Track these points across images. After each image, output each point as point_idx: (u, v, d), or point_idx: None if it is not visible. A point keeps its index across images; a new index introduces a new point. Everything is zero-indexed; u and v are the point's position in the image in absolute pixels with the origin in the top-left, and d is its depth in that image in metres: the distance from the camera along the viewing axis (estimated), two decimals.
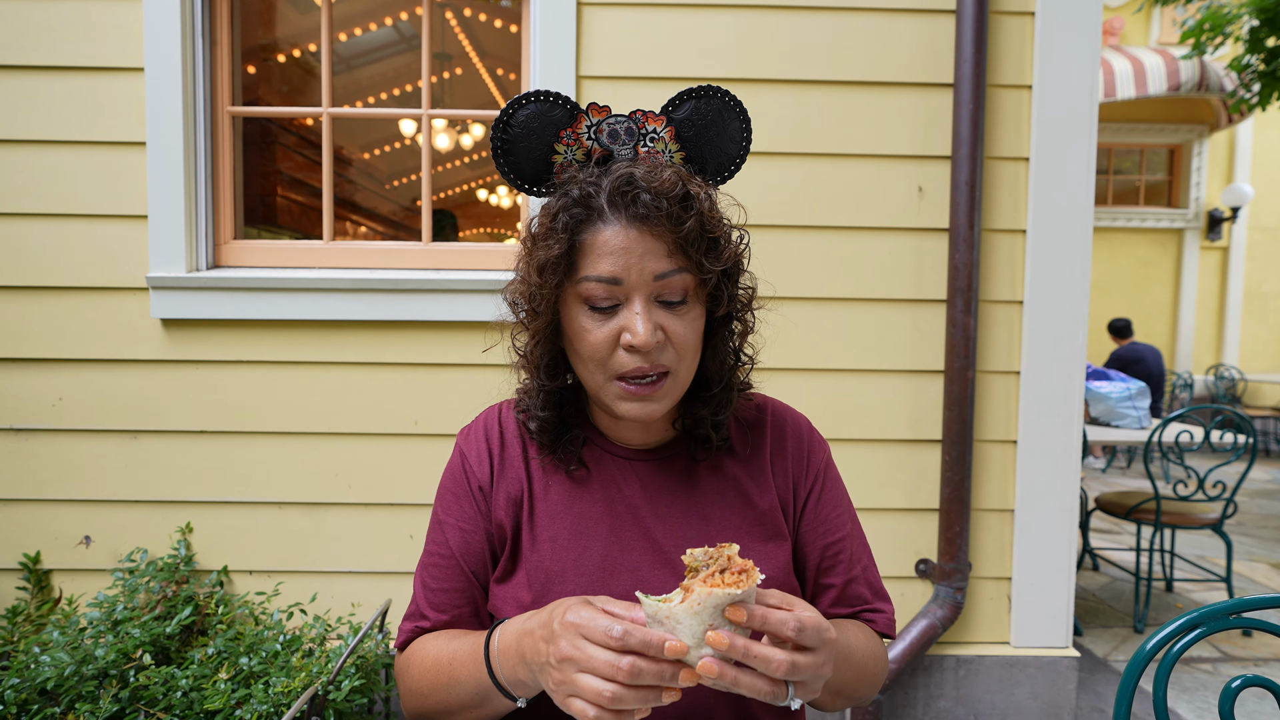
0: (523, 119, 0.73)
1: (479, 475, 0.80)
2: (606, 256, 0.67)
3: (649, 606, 0.56)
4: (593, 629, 0.55)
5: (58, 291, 1.82)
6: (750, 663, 0.54)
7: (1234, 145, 7.59)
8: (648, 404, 0.71)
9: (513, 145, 0.74)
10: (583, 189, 0.69)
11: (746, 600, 0.55)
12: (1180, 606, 3.07)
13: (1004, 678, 1.95)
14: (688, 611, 0.54)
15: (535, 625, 0.62)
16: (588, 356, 0.71)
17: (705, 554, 0.58)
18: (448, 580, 0.79)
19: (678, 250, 0.68)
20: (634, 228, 0.67)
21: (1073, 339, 1.90)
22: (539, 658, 0.59)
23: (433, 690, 0.73)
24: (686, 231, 0.67)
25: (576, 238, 0.69)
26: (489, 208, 5.72)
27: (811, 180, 1.89)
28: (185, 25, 1.78)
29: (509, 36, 3.20)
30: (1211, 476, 3.36)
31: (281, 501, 1.87)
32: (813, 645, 0.56)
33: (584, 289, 0.69)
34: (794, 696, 0.56)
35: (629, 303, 0.68)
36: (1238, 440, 2.85)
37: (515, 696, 0.65)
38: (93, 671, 1.42)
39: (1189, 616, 0.79)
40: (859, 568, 0.83)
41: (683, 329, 0.70)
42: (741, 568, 0.56)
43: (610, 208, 0.68)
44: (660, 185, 0.67)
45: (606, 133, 0.73)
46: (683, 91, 0.75)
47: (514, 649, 0.63)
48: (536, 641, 0.60)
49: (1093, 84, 1.86)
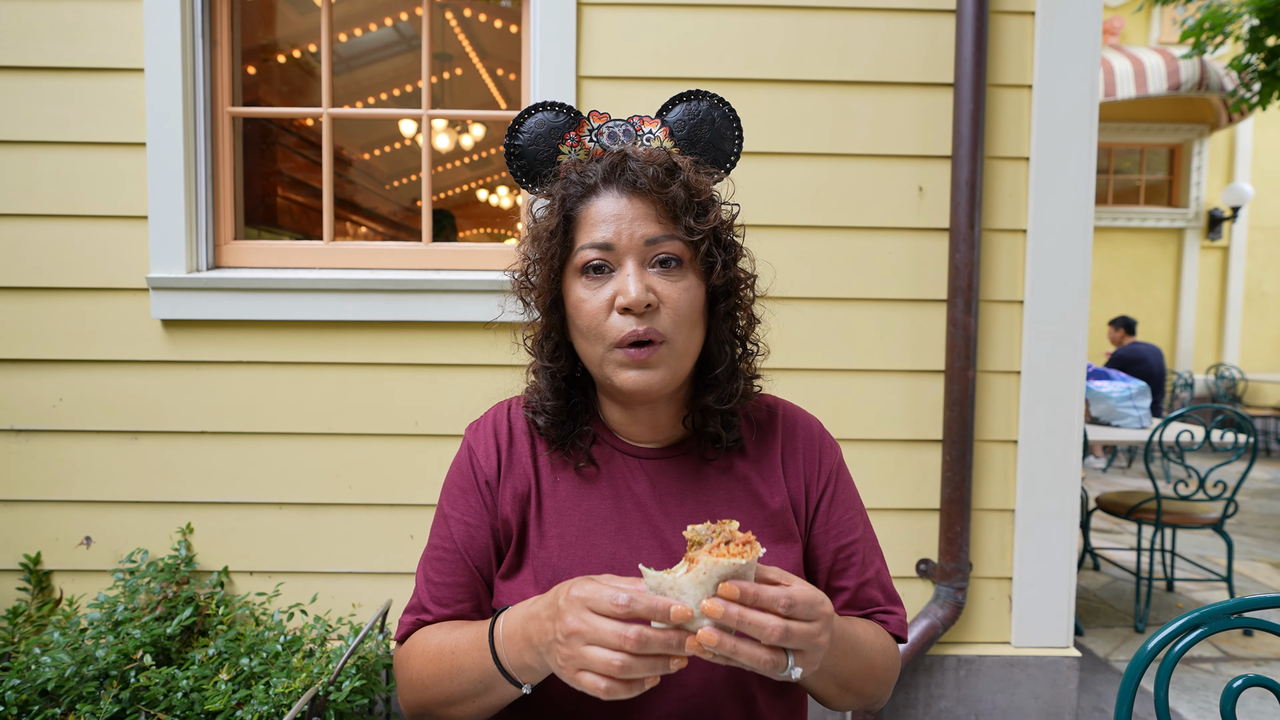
0: (531, 126, 0.81)
1: (486, 470, 0.81)
2: (600, 224, 0.73)
3: (652, 578, 0.56)
4: (598, 600, 0.56)
5: (58, 292, 1.82)
6: (745, 629, 0.54)
7: (1234, 145, 7.59)
8: (645, 371, 0.72)
9: (523, 150, 0.82)
10: (580, 172, 0.76)
11: (748, 572, 0.56)
12: (1181, 606, 3.06)
13: (1005, 678, 1.95)
14: (693, 581, 0.55)
15: (540, 608, 0.62)
16: (586, 327, 0.73)
17: (707, 529, 0.59)
18: (451, 574, 0.79)
19: (666, 216, 0.73)
20: (624, 195, 0.73)
21: (1073, 339, 1.90)
22: (545, 637, 0.60)
23: (434, 680, 0.73)
24: (672, 195, 0.72)
25: (573, 211, 0.75)
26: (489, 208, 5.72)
27: (812, 180, 1.89)
28: (185, 26, 1.78)
29: (509, 37, 3.20)
30: (1212, 476, 3.36)
31: (282, 502, 1.87)
32: (806, 618, 0.56)
33: (579, 258, 0.73)
34: (794, 666, 0.57)
35: (621, 267, 0.72)
36: (1238, 440, 2.84)
37: (521, 682, 0.66)
38: (93, 672, 1.42)
39: (1190, 616, 0.79)
40: (872, 570, 0.83)
41: (676, 294, 0.73)
42: (744, 540, 0.57)
43: (604, 182, 0.74)
44: (648, 156, 0.75)
45: (606, 134, 0.80)
46: (673, 96, 0.82)
47: (519, 633, 0.64)
48: (542, 622, 0.61)
49: (1093, 83, 1.86)
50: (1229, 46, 5.82)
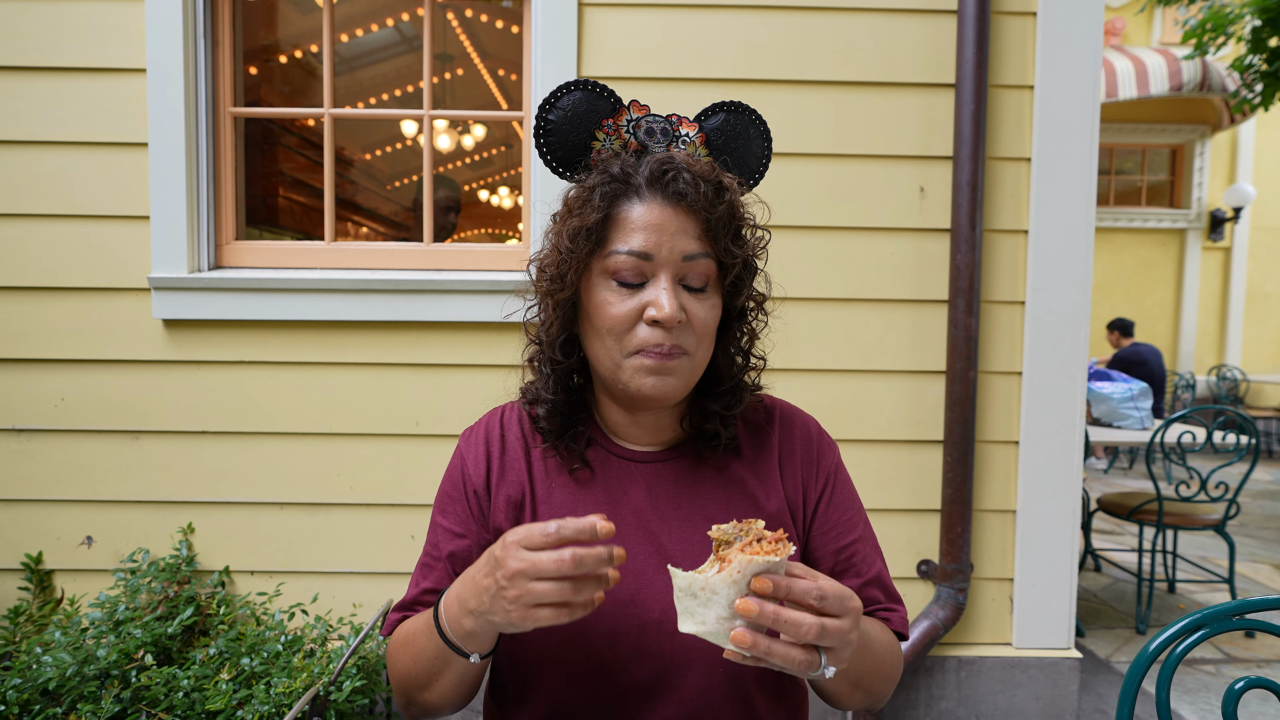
0: (569, 104, 0.76)
1: (475, 479, 0.80)
2: (639, 231, 0.70)
3: (682, 579, 0.56)
4: (531, 536, 0.58)
5: (60, 292, 1.82)
6: (780, 628, 0.54)
7: (1236, 145, 7.58)
8: (665, 378, 0.71)
9: (555, 128, 0.77)
10: (624, 167, 0.73)
11: (780, 569, 0.55)
12: (1182, 608, 3.06)
13: (1006, 679, 1.94)
14: (725, 580, 0.54)
15: (476, 569, 0.63)
16: (606, 330, 0.72)
17: (735, 527, 0.58)
18: (436, 582, 0.79)
19: (706, 235, 0.71)
20: (669, 206, 0.71)
21: (1075, 339, 1.90)
22: (487, 593, 0.60)
23: (406, 668, 0.74)
24: (718, 216, 0.71)
25: (612, 210, 0.71)
26: (490, 208, 5.72)
27: (813, 181, 1.89)
28: (187, 26, 1.79)
29: (510, 37, 3.20)
30: (1214, 477, 3.35)
31: (283, 502, 1.87)
32: (837, 613, 0.56)
33: (612, 262, 0.71)
34: (827, 665, 0.56)
35: (655, 279, 0.71)
36: (1240, 441, 2.84)
37: (468, 652, 0.66)
38: (94, 672, 1.42)
39: (1192, 618, 0.78)
40: (873, 570, 0.83)
41: (703, 313, 0.72)
42: (776, 537, 0.56)
43: (649, 186, 0.71)
44: (700, 169, 0.71)
45: (644, 129, 0.77)
46: (717, 103, 0.80)
47: (456, 600, 0.65)
48: (480, 580, 0.61)
49: (1094, 84, 1.86)
50: (1231, 47, 5.82)
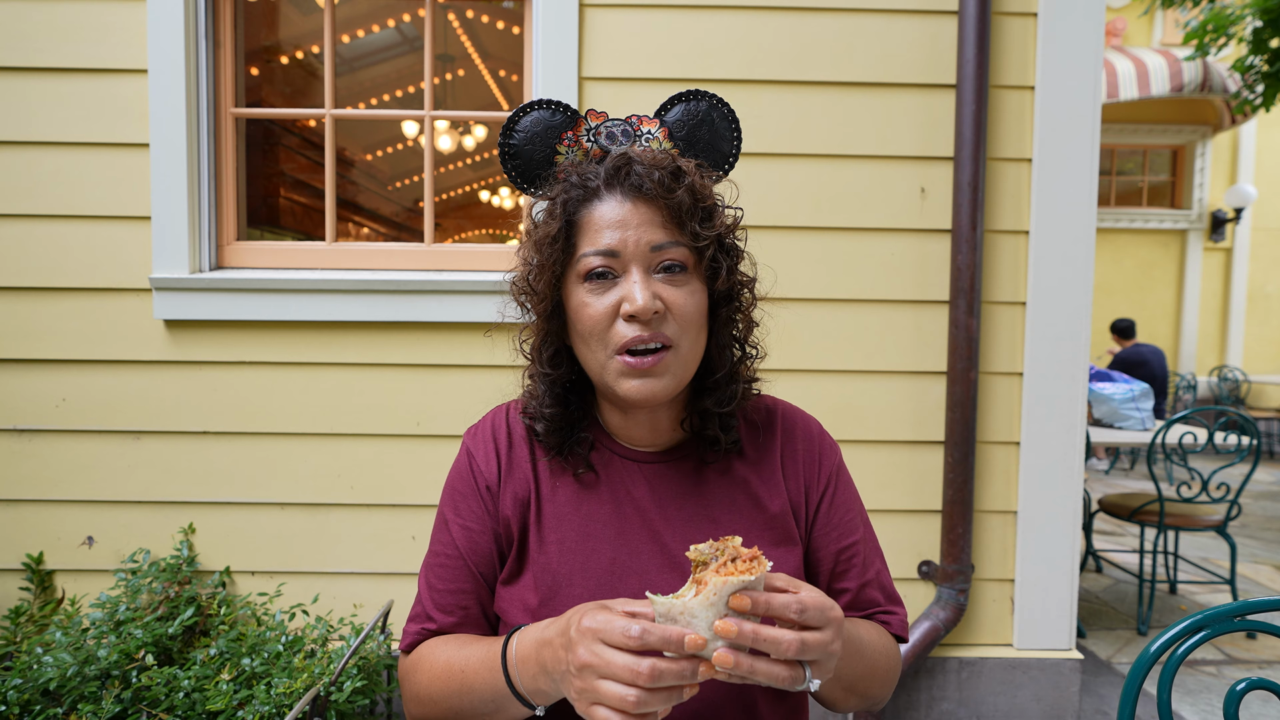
0: (527, 124, 0.78)
1: (486, 474, 0.80)
2: (604, 230, 0.71)
3: (661, 605, 0.55)
4: (610, 632, 0.55)
5: (61, 292, 1.82)
6: (761, 646, 0.54)
7: (1237, 146, 7.57)
8: (649, 380, 0.71)
9: (518, 149, 0.79)
10: (581, 175, 0.74)
11: (757, 587, 0.55)
12: (1184, 609, 3.06)
13: (1007, 680, 1.94)
14: (703, 604, 0.54)
15: (554, 634, 0.61)
16: (588, 332, 0.72)
17: (711, 547, 0.58)
18: (454, 581, 0.78)
19: (672, 222, 0.72)
20: (629, 200, 0.71)
21: (1076, 340, 1.90)
22: (559, 666, 0.59)
23: (442, 697, 0.72)
24: (678, 201, 0.71)
25: (575, 216, 0.73)
26: (491, 209, 5.72)
27: (813, 181, 1.89)
28: (188, 27, 1.79)
29: (511, 38, 3.20)
30: (1215, 478, 3.35)
31: (284, 502, 1.88)
32: (818, 624, 0.56)
33: (583, 265, 0.72)
34: (811, 678, 0.56)
35: (626, 274, 0.71)
36: (1241, 442, 2.83)
37: (534, 705, 0.65)
38: (95, 672, 1.42)
39: (1194, 619, 0.78)
40: (872, 571, 0.83)
41: (682, 299, 0.72)
42: (751, 555, 0.56)
43: (606, 185, 0.72)
44: (653, 159, 0.72)
45: (604, 134, 0.78)
46: (672, 96, 0.80)
47: (534, 658, 0.63)
48: (556, 650, 0.60)
49: (1095, 85, 1.86)
50: (1232, 48, 5.82)
